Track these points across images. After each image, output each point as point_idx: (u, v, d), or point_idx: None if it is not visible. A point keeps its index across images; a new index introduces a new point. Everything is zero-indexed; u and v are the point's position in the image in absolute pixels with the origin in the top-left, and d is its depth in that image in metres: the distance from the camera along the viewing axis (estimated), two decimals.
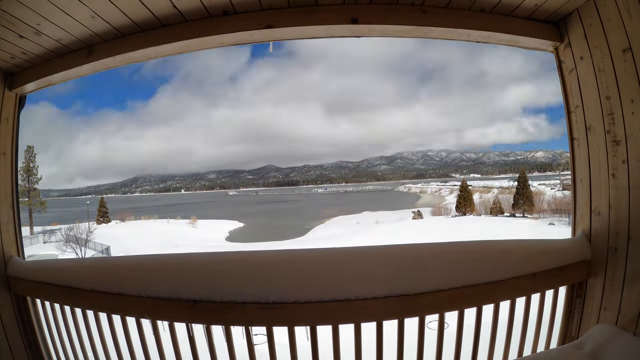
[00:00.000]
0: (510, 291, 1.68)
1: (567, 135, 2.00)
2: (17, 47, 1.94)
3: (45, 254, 25.50)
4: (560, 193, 45.77)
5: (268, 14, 1.85)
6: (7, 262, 2.15)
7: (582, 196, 1.94)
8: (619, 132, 1.67)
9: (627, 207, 1.66)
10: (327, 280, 1.55)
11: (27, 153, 42.06)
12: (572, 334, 1.92)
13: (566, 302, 1.93)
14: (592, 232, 1.85)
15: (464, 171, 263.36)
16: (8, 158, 2.23)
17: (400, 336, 1.62)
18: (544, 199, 42.12)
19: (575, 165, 1.98)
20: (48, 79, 2.16)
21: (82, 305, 1.87)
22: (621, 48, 1.61)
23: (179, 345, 1.72)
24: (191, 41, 1.91)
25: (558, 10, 1.83)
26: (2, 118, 2.17)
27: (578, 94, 1.88)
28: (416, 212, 46.94)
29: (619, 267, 1.69)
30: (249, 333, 1.60)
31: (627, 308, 1.66)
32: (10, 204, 2.24)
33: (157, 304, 1.62)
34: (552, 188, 56.05)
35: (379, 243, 1.95)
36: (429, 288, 1.55)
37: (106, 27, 1.87)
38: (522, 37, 1.93)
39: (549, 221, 34.40)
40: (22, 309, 2.15)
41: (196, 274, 1.64)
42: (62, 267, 2.03)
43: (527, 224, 33.82)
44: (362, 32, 1.92)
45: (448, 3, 1.82)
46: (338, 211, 65.18)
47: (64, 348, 2.12)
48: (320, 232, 44.41)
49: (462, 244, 1.77)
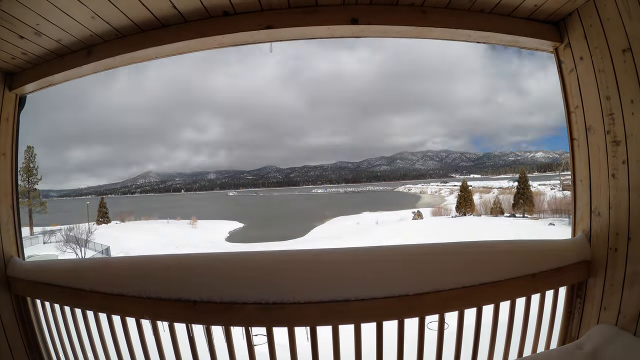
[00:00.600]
0: (510, 292, 1.68)
1: (567, 135, 2.00)
2: (17, 48, 1.94)
3: (45, 254, 25.49)
4: (560, 193, 45.74)
5: (268, 14, 1.85)
6: (7, 263, 2.15)
7: (582, 196, 1.94)
8: (619, 132, 1.67)
9: (627, 208, 1.66)
10: (326, 280, 1.55)
11: (27, 153, 42.03)
12: (572, 334, 1.92)
13: (566, 303, 1.93)
14: (592, 233, 1.85)
15: (464, 172, 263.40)
16: (8, 158, 2.23)
17: (400, 337, 1.62)
18: (544, 199, 42.07)
19: (575, 166, 1.98)
20: (48, 79, 2.16)
21: (82, 305, 1.87)
22: (621, 48, 1.61)
23: (179, 346, 1.72)
24: (191, 41, 1.91)
25: (558, 11, 1.83)
26: (2, 118, 2.17)
27: (578, 95, 1.88)
28: (416, 213, 46.90)
29: (619, 268, 1.69)
30: (249, 334, 1.60)
31: (627, 308, 1.66)
32: (10, 204, 2.24)
33: (157, 305, 1.62)
34: (552, 188, 56.03)
35: (378, 244, 1.94)
36: (429, 288, 1.55)
37: (106, 27, 1.87)
38: (522, 38, 1.93)
39: (549, 221, 34.37)
40: (22, 310, 2.15)
41: (196, 274, 1.65)
42: (62, 267, 2.03)
43: (528, 224, 33.80)
44: (362, 32, 1.92)
45: (448, 3, 1.82)
46: (338, 212, 65.16)
47: (64, 348, 2.12)
48: (320, 233, 44.41)
49: (462, 245, 1.77)
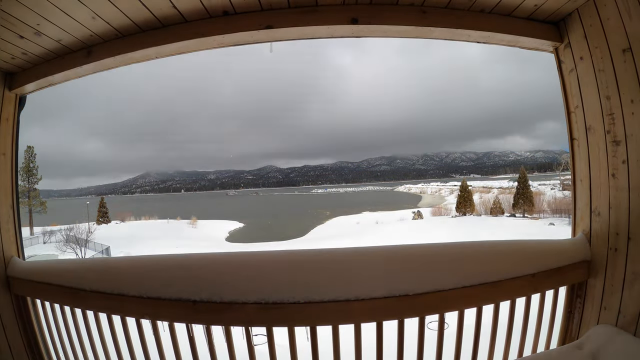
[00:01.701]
0: (510, 291, 1.68)
1: (567, 135, 2.00)
2: (17, 48, 1.94)
3: (45, 254, 25.49)
4: (560, 193, 45.70)
5: (268, 14, 1.85)
6: (7, 263, 2.15)
7: (582, 196, 1.94)
8: (619, 132, 1.67)
9: (627, 208, 1.66)
10: (327, 280, 1.55)
11: (27, 153, 42.00)
12: (572, 334, 1.92)
13: (566, 303, 1.93)
14: (592, 233, 1.85)
15: (464, 171, 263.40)
16: (8, 158, 2.23)
17: (400, 336, 1.62)
18: (544, 199, 41.99)
19: (575, 166, 1.98)
20: (48, 79, 2.16)
21: (82, 305, 1.87)
22: (621, 48, 1.61)
23: (179, 346, 1.73)
24: (191, 41, 1.91)
25: (558, 11, 1.83)
26: (2, 118, 2.18)
27: (578, 94, 1.88)
28: (416, 213, 46.85)
29: (619, 268, 1.69)
30: (249, 333, 1.60)
31: (627, 308, 1.66)
32: (11, 204, 2.24)
33: (157, 304, 1.62)
34: (552, 188, 55.99)
35: (378, 243, 1.95)
36: (429, 288, 1.55)
37: (106, 27, 1.87)
38: (522, 38, 1.93)
39: (549, 221, 34.36)
40: (22, 310, 2.15)
41: (196, 274, 1.64)
42: (62, 267, 2.03)
43: (527, 224, 33.80)
44: (362, 32, 1.92)
45: (448, 3, 1.82)
46: (338, 211, 65.12)
47: (63, 348, 2.12)
48: (320, 232, 44.36)
49: (461, 245, 1.77)
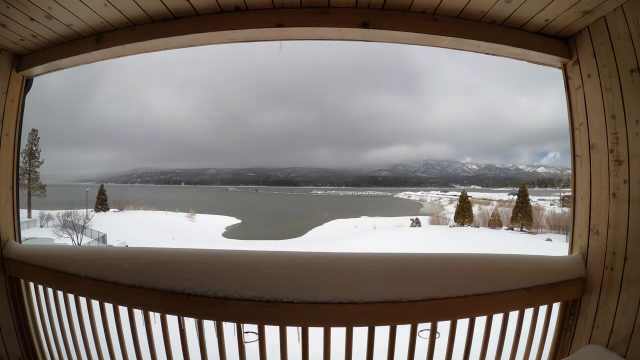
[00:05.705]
0: (504, 304, 1.68)
1: (570, 152, 2.00)
2: (27, 30, 1.95)
3: (41, 238, 25.49)
4: (559, 209, 45.63)
5: (280, 12, 1.85)
6: (4, 244, 2.16)
7: (581, 214, 1.93)
8: (622, 151, 1.67)
9: (626, 228, 1.66)
10: (321, 282, 1.55)
11: (30, 136, 42.06)
12: (563, 351, 1.92)
13: (559, 319, 1.93)
14: (589, 251, 1.85)
15: (465, 182, 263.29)
16: (11, 139, 2.23)
17: (391, 343, 1.62)
18: (542, 214, 41.96)
19: (576, 183, 1.97)
20: (56, 63, 2.16)
21: (75, 290, 1.87)
22: (629, 68, 1.62)
23: (170, 338, 1.72)
24: (201, 35, 1.92)
25: (568, 27, 1.83)
26: (7, 99, 2.18)
27: (583, 112, 1.88)
28: (414, 220, 46.78)
29: (614, 287, 1.69)
30: (240, 330, 1.60)
31: (619, 328, 1.65)
32: (10, 185, 2.24)
33: (150, 295, 1.62)
34: (551, 204, 55.93)
35: (375, 248, 1.95)
36: (423, 296, 1.55)
37: (118, 15, 1.88)
38: (531, 52, 1.93)
39: (547, 237, 34.32)
40: (15, 291, 2.15)
41: (192, 269, 1.64)
42: (58, 252, 2.02)
43: (525, 238, 33.75)
44: (372, 36, 1.92)
45: (459, 13, 1.82)
46: (336, 214, 65.05)
47: (54, 332, 2.12)
48: (317, 234, 44.31)
49: (457, 256, 1.77)
